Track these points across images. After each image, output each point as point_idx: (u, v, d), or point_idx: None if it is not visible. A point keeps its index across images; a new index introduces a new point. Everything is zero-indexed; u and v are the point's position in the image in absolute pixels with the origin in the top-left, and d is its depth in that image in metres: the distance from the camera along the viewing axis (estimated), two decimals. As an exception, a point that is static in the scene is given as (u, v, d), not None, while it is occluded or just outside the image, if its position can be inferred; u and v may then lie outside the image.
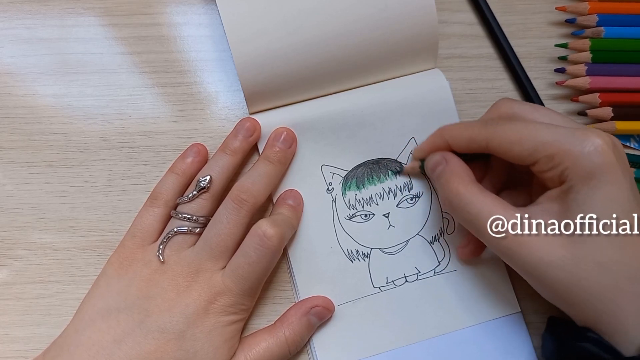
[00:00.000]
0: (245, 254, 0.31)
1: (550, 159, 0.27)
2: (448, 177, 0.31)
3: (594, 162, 0.26)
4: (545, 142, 0.27)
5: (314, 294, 0.35)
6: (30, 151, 0.37)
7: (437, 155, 0.33)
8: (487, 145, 0.30)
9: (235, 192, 0.32)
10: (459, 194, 0.30)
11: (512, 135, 0.29)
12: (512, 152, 0.29)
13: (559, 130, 0.28)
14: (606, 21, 0.39)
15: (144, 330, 0.30)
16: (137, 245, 0.33)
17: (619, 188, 0.26)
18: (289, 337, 0.33)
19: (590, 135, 0.27)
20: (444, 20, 0.40)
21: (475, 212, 0.29)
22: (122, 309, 0.31)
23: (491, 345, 0.34)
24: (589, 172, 0.26)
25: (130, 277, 0.32)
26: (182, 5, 0.40)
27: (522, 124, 0.29)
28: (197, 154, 0.35)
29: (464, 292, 0.35)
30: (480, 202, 0.29)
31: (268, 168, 0.34)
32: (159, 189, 0.34)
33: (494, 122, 0.30)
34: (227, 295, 0.31)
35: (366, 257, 0.35)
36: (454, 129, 0.32)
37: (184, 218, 0.33)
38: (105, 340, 0.30)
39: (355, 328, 0.34)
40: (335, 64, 0.35)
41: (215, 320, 0.31)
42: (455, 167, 0.31)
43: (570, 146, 0.27)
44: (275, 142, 0.35)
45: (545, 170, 0.28)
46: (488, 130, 0.30)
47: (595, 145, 0.26)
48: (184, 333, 0.30)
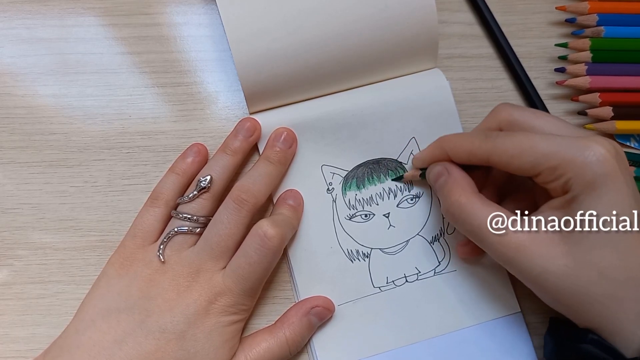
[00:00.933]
0: (246, 254, 0.31)
1: (553, 170, 0.27)
2: (450, 188, 0.31)
3: (597, 172, 0.26)
4: (547, 153, 0.27)
5: (314, 294, 0.35)
6: (30, 151, 0.37)
7: (438, 166, 0.32)
8: (487, 159, 0.29)
9: (235, 192, 0.32)
10: (460, 205, 0.30)
11: (512, 149, 0.28)
12: (514, 166, 0.29)
13: (560, 140, 0.27)
14: (606, 21, 0.39)
15: (144, 331, 0.30)
16: (137, 246, 0.33)
17: (621, 195, 0.26)
18: (289, 338, 0.33)
19: (592, 144, 0.27)
20: (444, 20, 0.40)
21: (478, 224, 0.29)
22: (122, 309, 0.31)
23: (491, 346, 0.34)
24: (592, 182, 0.26)
25: (131, 277, 0.32)
26: (182, 5, 0.40)
27: (522, 136, 0.29)
28: (198, 154, 0.35)
29: (464, 292, 0.35)
30: (481, 212, 0.29)
31: (268, 168, 0.34)
32: (159, 189, 0.34)
33: (493, 136, 0.30)
34: (227, 295, 0.31)
35: (366, 257, 0.35)
36: (453, 141, 0.32)
37: (185, 218, 0.33)
38: (105, 340, 0.30)
39: (356, 328, 0.34)
40: (335, 64, 0.35)
41: (215, 321, 0.31)
42: (457, 178, 0.31)
43: (573, 156, 0.27)
44: (275, 143, 0.35)
45: (549, 181, 0.28)
46: (488, 144, 0.29)
47: (598, 155, 0.26)
48: (184, 333, 0.30)
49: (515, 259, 0.28)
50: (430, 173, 0.33)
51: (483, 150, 0.30)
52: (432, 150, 0.33)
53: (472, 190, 0.30)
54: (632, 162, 0.38)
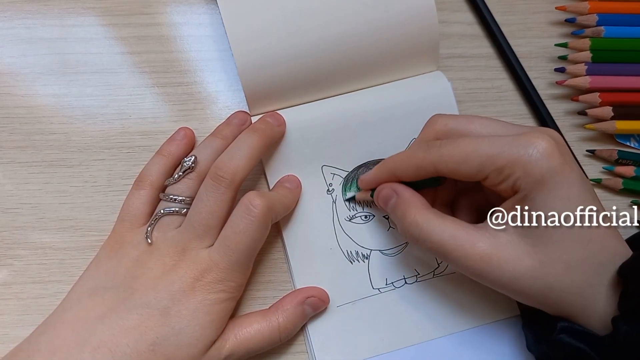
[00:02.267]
0: (232, 223, 0.31)
1: (500, 171, 0.27)
2: (404, 210, 0.30)
3: (543, 167, 0.26)
4: (491, 155, 0.27)
5: (313, 293, 0.35)
6: (30, 151, 0.37)
7: (385, 188, 0.32)
8: (435, 169, 0.29)
9: (213, 170, 0.32)
10: (418, 224, 0.29)
11: (457, 155, 0.28)
12: (461, 172, 0.28)
13: (501, 140, 0.27)
14: (606, 21, 0.39)
15: (128, 306, 0.30)
16: (126, 229, 0.33)
17: (571, 187, 0.27)
18: (281, 324, 0.33)
19: (533, 139, 0.27)
20: (444, 20, 0.40)
21: (438, 240, 0.29)
22: (108, 287, 0.31)
23: (490, 348, 0.34)
24: (540, 178, 0.26)
25: (119, 258, 0.32)
26: (182, 5, 0.40)
27: (464, 141, 0.28)
28: (184, 137, 0.36)
29: (463, 294, 0.35)
30: (439, 228, 0.29)
31: (251, 139, 0.33)
32: (145, 172, 0.34)
33: (436, 145, 0.29)
34: (214, 270, 0.31)
35: (366, 259, 0.35)
36: (398, 158, 0.32)
37: (171, 199, 0.33)
38: (89, 316, 0.30)
39: (354, 329, 0.34)
40: (336, 66, 0.35)
41: (202, 298, 0.31)
42: (407, 197, 0.31)
43: (517, 155, 0.27)
44: (264, 117, 0.35)
45: (497, 183, 0.28)
46: (432, 154, 0.29)
47: (541, 150, 0.26)
48: (168, 309, 0.30)
49: (483, 269, 0.28)
50: (379, 196, 0.33)
51: (428, 160, 0.29)
52: (377, 171, 0.33)
53: (425, 207, 0.30)
54: (632, 162, 0.38)
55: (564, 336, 0.28)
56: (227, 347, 0.31)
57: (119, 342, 0.29)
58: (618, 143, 0.39)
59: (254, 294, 0.36)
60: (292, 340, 0.35)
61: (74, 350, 0.29)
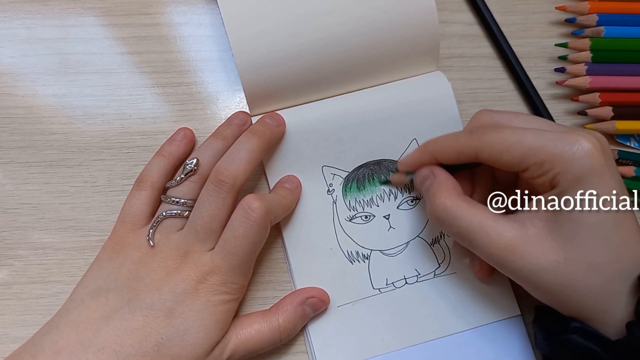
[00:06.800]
0: (232, 227, 0.31)
1: (541, 165, 0.27)
2: (435, 191, 0.30)
3: (584, 166, 0.26)
4: (534, 148, 0.27)
5: (313, 293, 0.35)
6: (30, 151, 0.37)
7: (425, 169, 0.32)
8: (476, 155, 0.29)
9: (214, 174, 0.32)
10: (446, 208, 0.29)
11: (500, 144, 0.28)
12: (502, 161, 0.29)
13: (546, 135, 0.27)
14: (606, 21, 0.39)
15: (132, 308, 0.30)
16: (127, 230, 0.33)
17: (608, 188, 0.27)
18: (282, 324, 0.33)
19: (578, 138, 0.27)
20: (444, 20, 0.40)
21: (465, 226, 0.29)
22: (112, 289, 0.31)
23: (491, 348, 0.34)
24: (579, 176, 0.26)
25: (121, 259, 0.32)
26: (182, 5, 0.40)
27: (509, 131, 0.29)
28: (184, 137, 0.36)
29: (464, 294, 0.35)
30: (468, 214, 0.29)
31: (250, 142, 0.33)
32: (145, 172, 0.34)
33: (480, 132, 0.30)
34: (216, 273, 0.31)
35: (366, 259, 0.35)
36: (440, 142, 0.32)
37: (173, 202, 0.33)
38: (93, 317, 0.30)
39: (355, 330, 0.34)
40: (336, 66, 0.35)
41: (205, 300, 0.31)
42: (442, 180, 0.31)
43: (560, 151, 0.27)
44: (263, 119, 0.35)
45: (536, 177, 0.28)
46: (475, 140, 0.29)
47: (585, 149, 0.26)
48: (172, 311, 0.30)
49: (506, 258, 0.28)
50: (418, 177, 0.33)
51: (471, 146, 0.29)
52: (419, 154, 0.33)
53: (458, 193, 0.30)
54: (632, 162, 0.38)
55: (576, 336, 0.27)
56: (229, 347, 0.32)
57: (124, 343, 0.29)
58: (618, 143, 0.39)
59: (254, 294, 0.36)
60: (292, 340, 0.35)
61: (78, 351, 0.29)
